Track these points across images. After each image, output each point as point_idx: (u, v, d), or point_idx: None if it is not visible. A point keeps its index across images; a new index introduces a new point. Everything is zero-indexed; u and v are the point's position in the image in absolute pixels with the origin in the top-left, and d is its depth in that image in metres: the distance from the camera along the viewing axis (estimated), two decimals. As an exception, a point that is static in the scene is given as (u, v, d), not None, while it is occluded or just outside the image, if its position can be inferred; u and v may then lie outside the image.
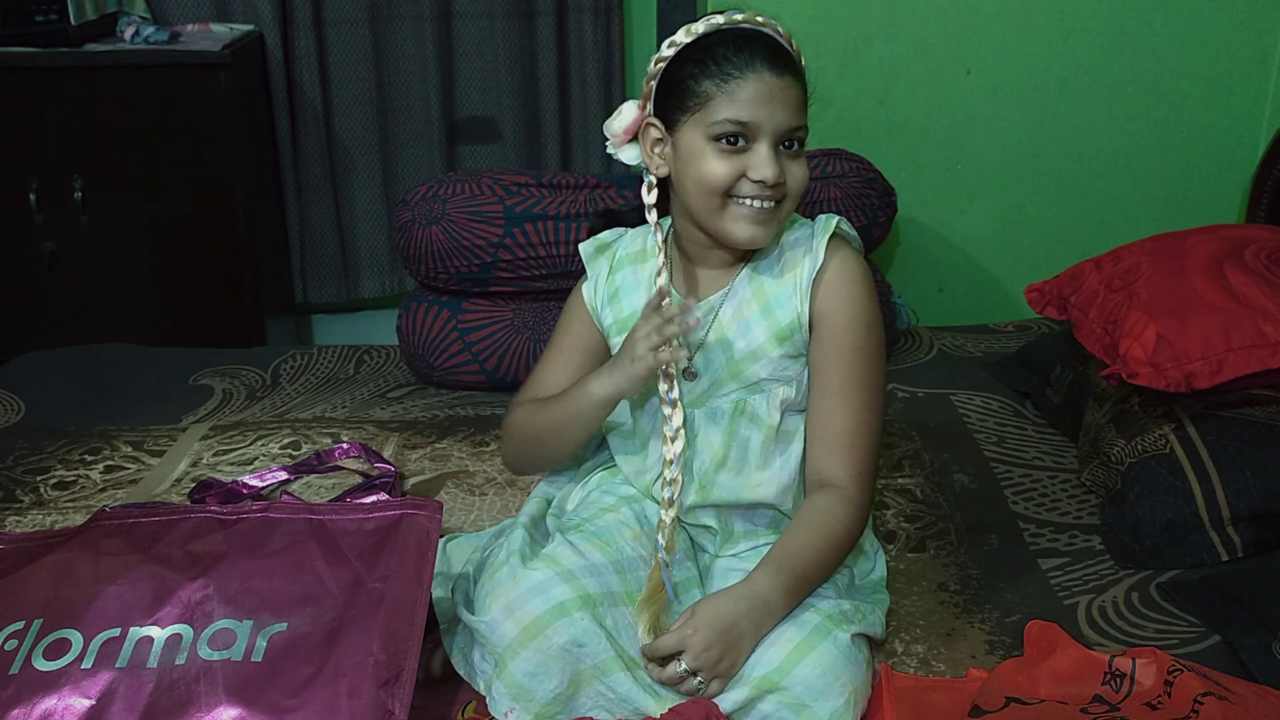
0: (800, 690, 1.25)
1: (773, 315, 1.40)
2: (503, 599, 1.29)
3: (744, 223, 1.34)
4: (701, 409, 1.43)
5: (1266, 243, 1.82)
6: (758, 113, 1.30)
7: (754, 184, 1.32)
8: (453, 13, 2.78)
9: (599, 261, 1.54)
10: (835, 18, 2.57)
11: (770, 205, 1.34)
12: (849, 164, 2.28)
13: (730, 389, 1.42)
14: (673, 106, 1.35)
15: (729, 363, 1.42)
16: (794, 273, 1.41)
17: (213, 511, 1.43)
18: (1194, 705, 1.21)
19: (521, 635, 1.26)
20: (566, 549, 1.35)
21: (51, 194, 2.52)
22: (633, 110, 1.41)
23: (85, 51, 2.47)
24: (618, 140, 1.44)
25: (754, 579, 1.32)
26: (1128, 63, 2.58)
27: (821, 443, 1.41)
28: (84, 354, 2.35)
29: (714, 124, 1.31)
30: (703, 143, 1.32)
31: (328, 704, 1.19)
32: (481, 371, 2.17)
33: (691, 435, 1.42)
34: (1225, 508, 1.57)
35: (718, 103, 1.30)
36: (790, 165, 1.33)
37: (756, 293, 1.42)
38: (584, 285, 1.55)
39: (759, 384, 1.41)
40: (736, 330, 1.42)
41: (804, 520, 1.38)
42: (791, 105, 1.31)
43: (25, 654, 1.25)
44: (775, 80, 1.30)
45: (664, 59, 1.36)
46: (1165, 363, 1.62)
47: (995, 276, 2.78)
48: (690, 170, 1.34)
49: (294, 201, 2.82)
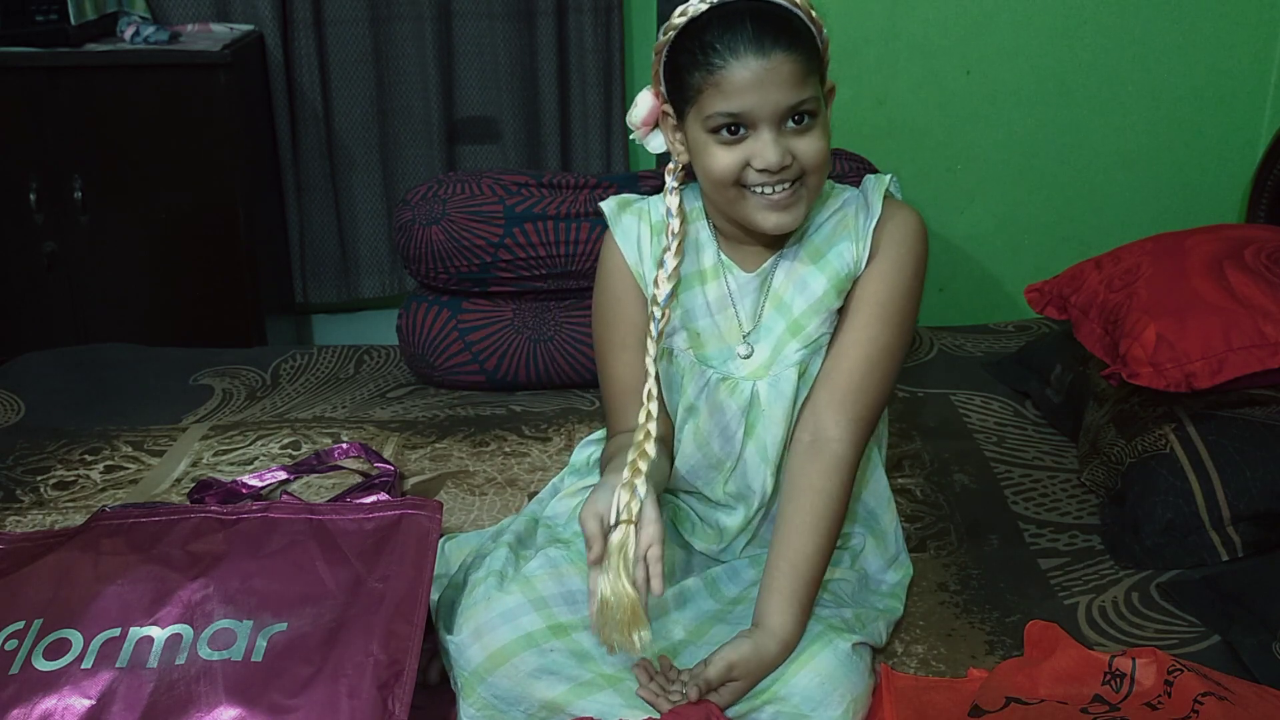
0: (799, 700, 1.25)
1: (830, 266, 1.35)
2: (473, 622, 1.28)
3: (765, 211, 1.28)
4: (765, 379, 1.38)
5: (1266, 243, 1.82)
6: (748, 101, 1.22)
7: (760, 172, 1.26)
8: (453, 13, 2.78)
9: (626, 219, 1.42)
10: (835, 18, 2.54)
11: (786, 188, 1.27)
12: (849, 164, 2.28)
13: (792, 350, 1.37)
14: (676, 97, 1.30)
15: (789, 322, 1.37)
16: (851, 225, 1.36)
17: (213, 511, 1.43)
18: (1194, 705, 1.21)
19: (487, 662, 1.26)
20: (545, 571, 1.32)
21: (51, 194, 2.52)
22: (649, 99, 1.36)
23: (85, 51, 2.46)
24: (641, 133, 1.38)
25: (778, 623, 1.27)
26: (1128, 63, 2.59)
27: (828, 378, 1.35)
28: (84, 354, 2.35)
29: (708, 117, 1.25)
30: (704, 136, 1.27)
31: (328, 704, 1.19)
32: (481, 371, 2.17)
33: (756, 410, 1.38)
34: (1225, 507, 1.57)
35: (708, 95, 1.24)
36: (798, 142, 1.25)
37: (809, 250, 1.37)
38: (617, 247, 1.41)
39: (819, 340, 1.36)
40: (793, 289, 1.37)
41: (801, 510, 1.32)
42: (785, 83, 1.22)
43: (25, 654, 1.25)
44: (761, 63, 1.21)
45: (663, 45, 1.30)
46: (1165, 363, 1.62)
47: (995, 276, 2.78)
48: (699, 164, 1.30)
49: (294, 201, 2.82)
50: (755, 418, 1.38)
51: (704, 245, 1.40)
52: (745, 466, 1.41)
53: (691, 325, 1.40)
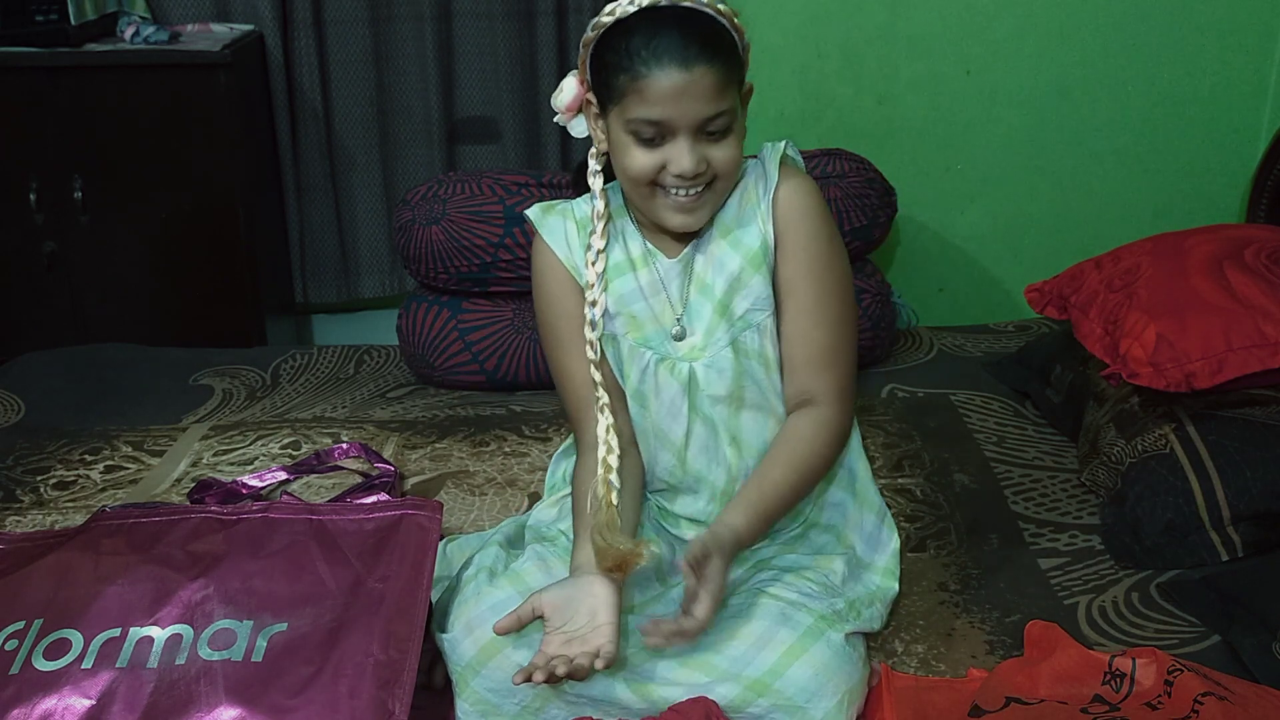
0: (793, 692, 1.26)
1: (741, 244, 1.40)
2: (464, 617, 1.31)
3: (672, 212, 1.35)
4: (700, 361, 1.42)
5: (1266, 243, 1.82)
6: (669, 110, 1.27)
7: (675, 177, 1.31)
8: (453, 13, 2.78)
9: (551, 220, 1.46)
10: (835, 18, 2.56)
11: (696, 192, 1.33)
12: (849, 164, 2.28)
13: (722, 331, 1.41)
14: (600, 92, 1.33)
15: (715, 303, 1.41)
16: (753, 199, 1.41)
17: (213, 512, 1.44)
18: (1194, 705, 1.21)
19: (479, 655, 1.28)
20: (534, 564, 1.35)
21: (51, 194, 2.52)
22: (573, 85, 1.38)
23: (85, 51, 2.46)
24: (564, 116, 1.41)
25: (730, 522, 1.31)
26: (1128, 63, 2.58)
27: (803, 363, 1.41)
28: (84, 354, 2.35)
29: (629, 121, 1.29)
30: (624, 135, 1.31)
31: (328, 704, 1.19)
32: (481, 371, 2.17)
33: (695, 389, 1.42)
34: (1225, 507, 1.57)
35: (630, 100, 1.28)
36: (713, 151, 1.31)
37: (721, 230, 1.42)
38: (548, 246, 1.45)
39: (745, 316, 1.41)
40: (713, 271, 1.41)
41: (782, 452, 1.38)
42: (705, 95, 1.27)
43: (25, 654, 1.25)
44: (684, 75, 1.25)
45: (590, 40, 1.33)
46: (1165, 363, 1.62)
47: (995, 276, 2.78)
48: (618, 160, 1.35)
49: (294, 201, 2.82)
50: (697, 396, 1.42)
51: (630, 235, 1.45)
52: (697, 441, 1.44)
53: (627, 309, 1.44)
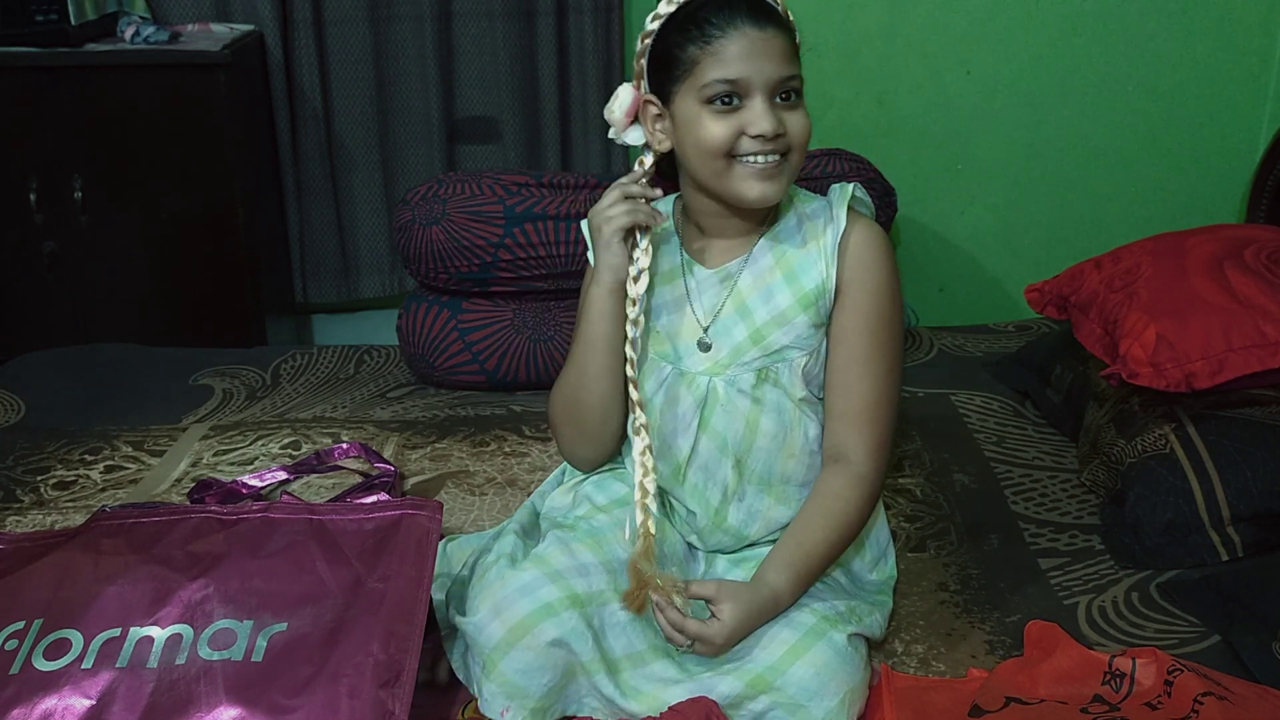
0: (794, 691, 1.26)
1: (797, 281, 1.40)
2: (490, 600, 1.30)
3: (751, 180, 1.33)
4: (721, 377, 1.42)
5: (1266, 243, 1.83)
6: (746, 68, 1.28)
7: (754, 139, 1.30)
8: (453, 13, 2.78)
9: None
10: (835, 18, 2.57)
11: (775, 159, 1.32)
12: (849, 164, 2.28)
13: (751, 356, 1.41)
14: (665, 79, 1.34)
15: (751, 330, 1.41)
16: (818, 240, 1.40)
17: (213, 512, 1.44)
18: (1194, 705, 1.21)
19: (508, 635, 1.27)
20: (556, 548, 1.35)
21: (51, 194, 2.52)
22: (629, 92, 1.40)
23: (85, 51, 2.46)
24: (620, 126, 1.42)
25: (770, 580, 1.33)
26: (1127, 62, 2.59)
27: (843, 415, 1.40)
28: (84, 354, 2.35)
29: (705, 86, 1.30)
30: (697, 108, 1.31)
31: (328, 704, 1.19)
32: (481, 371, 2.17)
33: (713, 405, 1.41)
34: (1225, 508, 1.57)
35: (705, 65, 1.29)
36: (788, 116, 1.31)
37: (779, 260, 1.41)
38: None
39: (781, 351, 1.40)
40: (758, 297, 1.41)
41: (818, 509, 1.38)
42: (780, 55, 1.30)
43: (25, 654, 1.25)
44: (759, 33, 1.28)
45: (650, 33, 1.36)
46: (1165, 363, 1.62)
47: (995, 276, 2.78)
48: (690, 137, 1.34)
49: (294, 201, 2.82)
50: (710, 411, 1.42)
51: (667, 247, 1.45)
52: (701, 459, 1.43)
53: (650, 323, 1.44)
